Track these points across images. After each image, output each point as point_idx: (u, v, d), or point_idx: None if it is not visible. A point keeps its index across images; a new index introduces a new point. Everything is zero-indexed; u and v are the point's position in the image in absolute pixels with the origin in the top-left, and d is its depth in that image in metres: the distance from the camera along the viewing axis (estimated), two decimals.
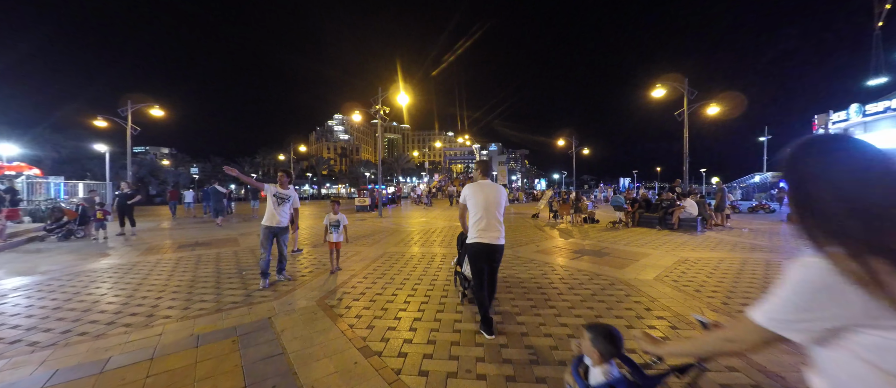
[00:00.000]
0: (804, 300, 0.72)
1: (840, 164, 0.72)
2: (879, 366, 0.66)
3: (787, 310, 0.75)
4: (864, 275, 0.65)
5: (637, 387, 1.28)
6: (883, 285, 0.63)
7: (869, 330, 0.67)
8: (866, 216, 0.67)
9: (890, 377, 0.65)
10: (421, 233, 9.66)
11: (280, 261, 4.85)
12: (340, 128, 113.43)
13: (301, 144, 40.27)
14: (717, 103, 14.61)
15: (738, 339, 0.88)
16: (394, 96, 15.14)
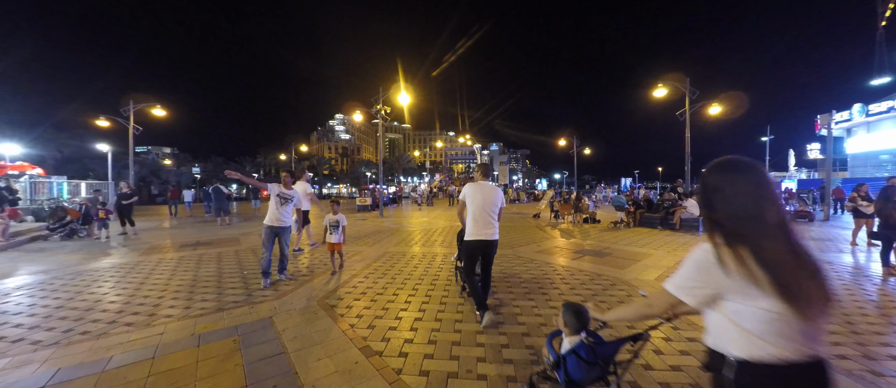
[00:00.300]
0: (695, 273, 1.01)
1: (727, 181, 1.02)
2: (740, 325, 0.95)
3: (685, 279, 1.03)
4: (733, 257, 0.93)
5: (594, 352, 1.61)
6: (746, 265, 0.92)
7: (733, 299, 0.95)
8: (738, 217, 0.96)
9: (745, 332, 0.94)
10: (422, 233, 9.67)
11: (281, 260, 4.85)
12: (341, 128, 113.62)
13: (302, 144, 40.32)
14: (719, 103, 14.55)
15: (655, 304, 1.18)
16: (395, 96, 15.15)
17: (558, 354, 1.75)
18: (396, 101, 15.44)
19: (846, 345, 2.87)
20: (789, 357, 0.90)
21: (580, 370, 1.65)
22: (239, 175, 4.43)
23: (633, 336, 1.61)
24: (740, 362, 0.94)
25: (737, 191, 0.99)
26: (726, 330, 0.98)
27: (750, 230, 0.94)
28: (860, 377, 2.40)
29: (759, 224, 0.94)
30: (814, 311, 0.89)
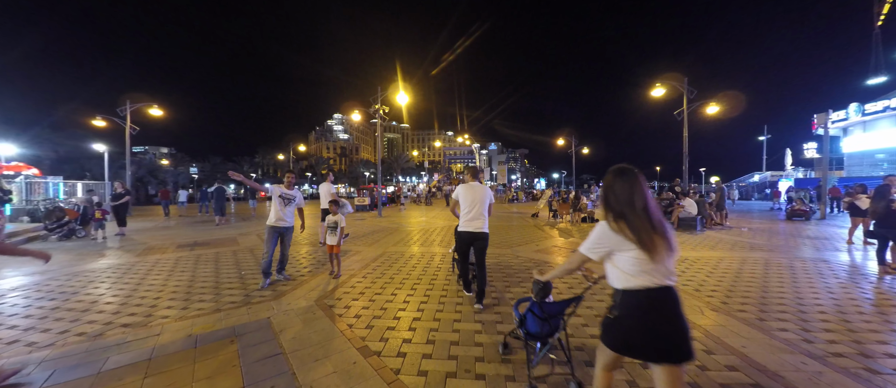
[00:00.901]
0: (598, 239, 1.59)
1: (616, 182, 1.60)
2: (620, 268, 1.54)
3: (592, 243, 1.61)
4: (618, 227, 1.54)
5: (543, 310, 2.25)
6: (624, 231, 1.51)
7: (618, 252, 1.54)
8: (621, 203, 1.55)
9: (624, 272, 1.53)
10: (420, 232, 9.66)
11: (281, 261, 4.85)
12: (340, 127, 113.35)
13: (300, 144, 40.19)
14: (716, 103, 14.60)
15: (572, 261, 1.75)
16: (393, 96, 15.12)
17: (521, 314, 2.37)
18: (395, 100, 15.43)
19: (843, 343, 2.89)
20: (647, 285, 1.50)
21: (535, 324, 2.33)
22: (241, 177, 4.40)
23: (573, 298, 2.31)
24: (622, 291, 1.56)
25: (620, 188, 1.58)
26: (614, 273, 1.59)
27: (627, 211, 1.54)
28: (856, 375, 2.42)
29: (631, 207, 1.54)
30: (661, 256, 1.49)
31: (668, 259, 1.52)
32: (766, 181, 33.63)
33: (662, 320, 1.50)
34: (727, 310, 3.63)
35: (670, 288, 1.52)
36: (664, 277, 1.51)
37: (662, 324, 1.49)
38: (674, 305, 1.52)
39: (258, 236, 9.30)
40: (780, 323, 3.29)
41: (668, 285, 1.52)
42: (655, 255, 1.49)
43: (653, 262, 1.49)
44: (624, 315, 1.55)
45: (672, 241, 1.54)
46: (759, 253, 6.57)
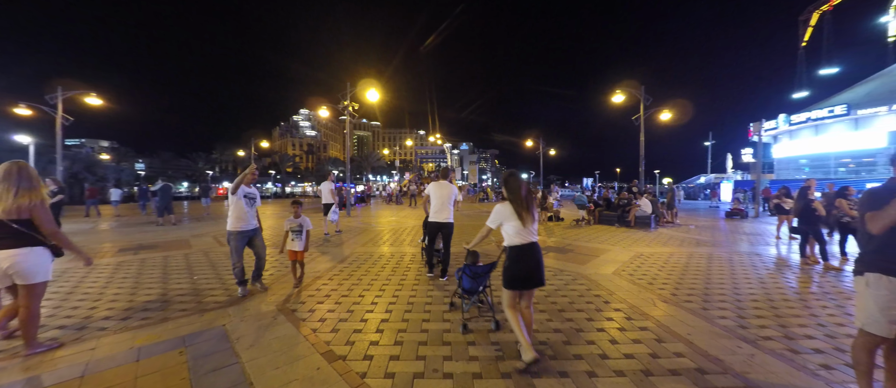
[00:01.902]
0: (497, 214, 2.65)
1: (509, 180, 2.69)
2: (508, 233, 2.62)
3: (493, 218, 2.67)
4: (508, 207, 2.62)
5: (473, 271, 3.14)
6: (516, 207, 2.59)
7: (506, 223, 2.62)
8: (511, 193, 2.64)
9: (509, 234, 2.62)
10: (390, 232, 9.52)
11: (257, 268, 4.30)
12: (307, 123, 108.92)
13: (263, 140, 37.89)
14: (668, 110, 15.77)
15: (483, 232, 2.78)
16: (363, 92, 14.75)
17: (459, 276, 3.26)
18: (365, 97, 15.05)
19: (771, 327, 3.23)
20: (522, 242, 2.56)
21: (468, 283, 3.19)
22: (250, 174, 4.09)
23: (491, 264, 3.25)
24: (509, 247, 2.59)
25: (512, 184, 2.64)
26: (505, 236, 2.62)
27: (513, 197, 2.60)
28: (781, 355, 2.71)
29: (516, 195, 2.61)
30: (528, 225, 2.56)
31: (533, 227, 2.62)
32: (710, 182, 36.92)
33: (530, 263, 2.58)
34: (676, 301, 3.93)
35: (535, 243, 2.62)
36: (531, 237, 2.61)
37: (530, 265, 2.58)
38: (537, 253, 2.60)
39: (214, 238, 8.68)
40: (721, 311, 3.62)
41: (533, 241, 2.62)
42: (526, 224, 2.57)
43: (524, 228, 2.57)
44: (511, 263, 2.60)
45: (534, 215, 2.64)
46: (703, 248, 7.19)
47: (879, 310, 1.95)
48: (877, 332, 1.96)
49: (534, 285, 2.59)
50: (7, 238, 2.52)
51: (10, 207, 2.51)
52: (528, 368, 2.44)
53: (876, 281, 1.97)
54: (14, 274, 2.56)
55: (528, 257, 2.54)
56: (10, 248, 2.52)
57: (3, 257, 2.52)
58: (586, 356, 2.69)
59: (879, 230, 1.90)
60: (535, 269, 2.56)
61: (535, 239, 2.60)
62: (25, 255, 2.56)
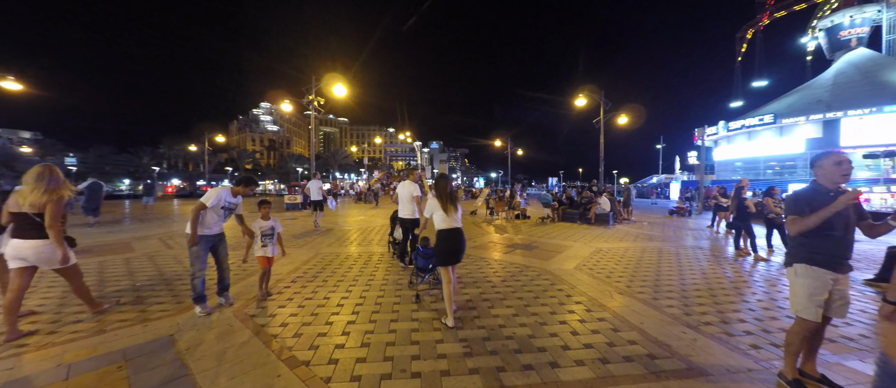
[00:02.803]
0: (430, 205, 3.39)
1: (439, 181, 3.44)
2: (437, 220, 3.36)
3: (428, 208, 3.43)
4: (439, 201, 3.32)
5: (425, 252, 4.06)
6: (441, 202, 3.31)
7: (436, 212, 3.34)
8: (440, 191, 3.37)
9: (438, 220, 3.33)
10: (358, 231, 9.29)
11: (221, 281, 3.73)
12: (268, 118, 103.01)
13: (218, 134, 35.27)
14: (625, 114, 16.86)
15: (423, 221, 3.72)
16: (329, 87, 14.21)
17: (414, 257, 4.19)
18: (331, 92, 14.50)
19: (710, 313, 3.57)
20: (448, 227, 3.28)
21: (420, 261, 4.07)
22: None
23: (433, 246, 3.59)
24: (439, 230, 3.31)
25: (440, 185, 3.39)
26: (435, 222, 3.35)
27: (442, 193, 3.33)
28: (719, 339, 3.01)
29: (443, 192, 3.34)
30: (452, 214, 3.30)
31: (456, 216, 3.33)
32: (661, 182, 40.05)
33: (454, 244, 3.29)
34: (630, 293, 4.22)
35: (458, 228, 3.33)
36: (455, 223, 3.32)
37: (454, 246, 3.29)
38: (459, 236, 3.33)
39: (161, 239, 7.95)
40: (669, 301, 3.94)
41: (457, 227, 3.33)
42: (449, 213, 3.30)
43: (448, 217, 3.29)
44: (440, 242, 3.32)
45: (457, 208, 3.37)
46: (655, 243, 7.77)
47: (807, 297, 2.20)
48: (809, 318, 2.20)
49: (458, 260, 3.37)
50: (31, 229, 2.90)
51: (35, 201, 2.87)
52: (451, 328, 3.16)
53: (803, 270, 2.24)
54: (38, 261, 2.96)
55: (452, 238, 3.29)
56: (34, 238, 2.90)
57: (27, 246, 2.90)
58: (549, 348, 2.80)
59: (796, 234, 2.17)
60: (458, 248, 3.30)
61: (458, 225, 3.34)
62: (47, 245, 2.94)
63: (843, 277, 2.20)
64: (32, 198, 2.86)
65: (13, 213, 2.92)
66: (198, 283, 3.44)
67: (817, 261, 2.19)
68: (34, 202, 2.86)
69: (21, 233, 2.91)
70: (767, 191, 6.85)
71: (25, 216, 2.88)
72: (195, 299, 3.47)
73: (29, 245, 2.90)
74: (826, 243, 2.17)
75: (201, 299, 3.48)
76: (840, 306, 2.22)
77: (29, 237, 2.90)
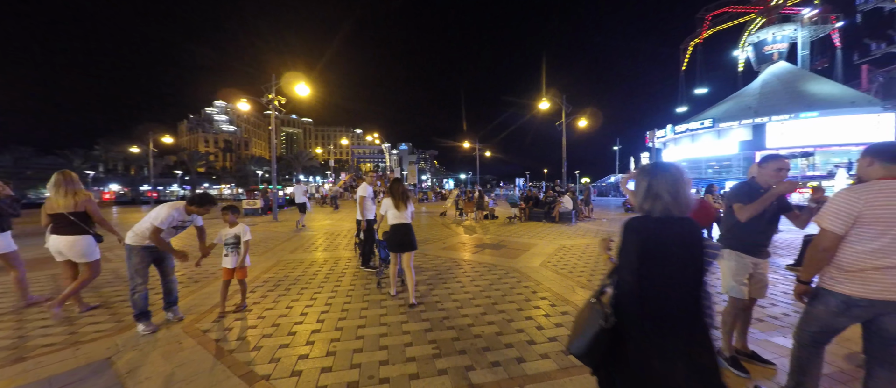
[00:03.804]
0: (385, 205, 4.02)
1: (393, 184, 4.06)
2: (389, 216, 3.98)
3: (383, 207, 4.06)
4: (393, 200, 3.98)
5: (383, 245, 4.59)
6: (394, 201, 3.98)
7: (390, 209, 3.95)
8: (394, 191, 4.00)
9: (390, 216, 3.97)
10: (324, 236, 8.97)
11: (168, 294, 3.43)
12: (223, 117, 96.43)
13: (165, 134, 32.18)
14: (585, 117, 17.81)
15: (380, 216, 4.26)
16: (291, 86, 13.55)
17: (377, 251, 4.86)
18: (293, 91, 13.85)
19: None
20: (398, 223, 3.92)
21: (383, 253, 4.69)
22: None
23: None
24: (390, 224, 3.96)
25: (394, 187, 4.01)
26: (388, 218, 3.97)
27: (394, 194, 3.95)
28: None
29: (396, 193, 3.95)
30: (403, 211, 3.91)
31: (407, 212, 3.93)
32: (618, 182, 42.74)
33: (403, 236, 3.90)
34: (591, 286, 4.46)
35: (407, 224, 3.95)
36: (405, 219, 3.93)
37: (404, 237, 3.91)
38: (407, 229, 3.94)
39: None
40: None
41: (407, 222, 3.95)
42: (400, 210, 3.90)
43: (399, 213, 3.90)
44: (390, 234, 3.96)
45: (408, 206, 3.96)
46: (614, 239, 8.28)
47: (732, 277, 2.51)
48: (736, 296, 2.50)
49: (406, 249, 3.90)
50: (67, 227, 3.35)
51: (68, 203, 3.35)
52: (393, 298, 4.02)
53: (728, 255, 2.55)
54: (74, 255, 3.41)
55: (401, 231, 3.92)
56: (71, 235, 3.36)
57: (67, 242, 3.36)
58: (516, 344, 2.88)
59: (745, 219, 2.42)
60: (406, 239, 3.92)
61: (407, 221, 3.96)
62: (81, 240, 3.40)
63: (762, 262, 2.51)
64: (65, 201, 3.35)
65: (51, 214, 3.38)
66: (139, 298, 3.13)
67: (740, 247, 2.49)
68: (67, 205, 3.35)
69: (59, 230, 3.37)
70: (707, 189, 7.56)
71: (63, 216, 3.33)
72: (137, 316, 3.16)
73: (65, 241, 3.37)
74: (749, 233, 2.46)
75: (144, 316, 3.17)
76: (760, 287, 2.54)
77: (65, 234, 3.37)
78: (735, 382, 2.37)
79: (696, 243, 1.37)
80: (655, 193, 1.42)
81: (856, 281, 1.72)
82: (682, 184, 1.40)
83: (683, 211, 1.40)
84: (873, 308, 1.71)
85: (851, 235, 1.73)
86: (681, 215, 1.40)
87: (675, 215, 1.39)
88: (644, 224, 1.43)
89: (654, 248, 1.38)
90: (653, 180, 1.44)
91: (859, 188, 1.73)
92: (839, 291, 1.77)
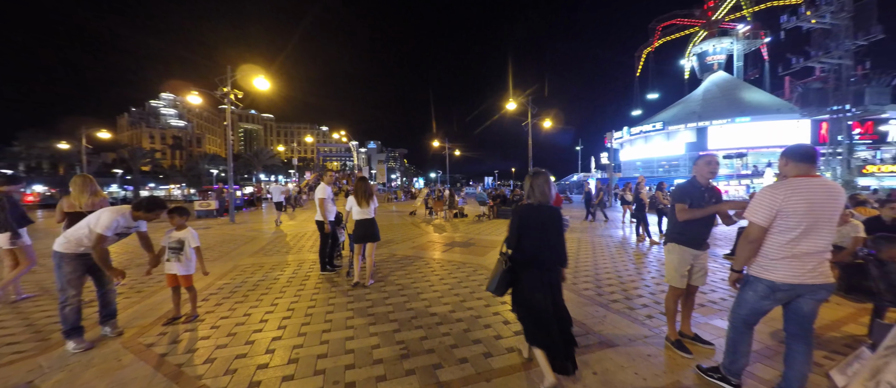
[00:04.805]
0: (350, 202, 4.54)
1: (358, 183, 4.52)
2: (354, 212, 4.52)
3: (348, 204, 4.60)
4: (356, 197, 4.47)
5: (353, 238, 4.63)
6: (357, 198, 4.46)
7: (354, 206, 4.50)
8: (357, 189, 4.49)
9: (354, 212, 4.50)
10: (289, 238, 8.54)
11: (104, 306, 3.10)
12: (171, 111, 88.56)
13: (101, 129, 28.77)
14: (549, 118, 18.55)
15: (345, 212, 4.87)
16: (249, 79, 12.69)
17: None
18: (252, 85, 12.99)
19: (617, 292, 4.12)
20: (362, 218, 4.43)
21: (352, 246, 4.78)
22: None
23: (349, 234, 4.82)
24: (355, 220, 4.46)
25: (357, 186, 4.46)
26: (353, 214, 4.49)
27: (360, 191, 4.43)
28: (624, 313, 3.49)
29: (360, 191, 4.43)
30: (367, 207, 4.44)
31: (370, 209, 4.43)
32: (581, 180, 44.98)
33: (367, 229, 4.42)
34: None
35: (371, 219, 4.45)
36: (368, 215, 4.42)
37: (366, 230, 4.41)
38: (372, 224, 4.44)
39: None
40: (585, 284, 4.44)
41: (370, 218, 4.45)
42: (362, 207, 4.40)
43: (361, 209, 4.40)
44: (356, 229, 4.43)
45: (371, 203, 4.44)
46: (575, 234, 8.69)
47: (675, 268, 2.74)
48: (676, 285, 2.75)
49: (368, 240, 4.44)
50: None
51: (86, 202, 3.64)
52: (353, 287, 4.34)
53: (672, 248, 2.78)
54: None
55: (364, 225, 4.41)
56: None
57: None
58: (484, 339, 2.93)
59: (683, 220, 2.65)
60: (369, 232, 4.42)
61: (371, 216, 4.45)
62: None
63: (702, 253, 2.76)
64: (83, 200, 3.64)
65: (68, 212, 3.64)
66: (70, 312, 2.81)
67: (683, 241, 2.73)
68: (85, 203, 3.63)
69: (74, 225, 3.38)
70: (658, 186, 8.18)
71: (80, 214, 3.42)
72: (67, 332, 2.82)
73: None
74: (691, 229, 2.71)
75: (76, 332, 2.84)
76: (700, 275, 2.80)
77: None
78: (679, 363, 2.58)
79: (555, 219, 2.32)
80: (533, 190, 2.34)
81: (779, 268, 1.94)
82: (548, 185, 2.33)
83: (548, 201, 2.32)
84: (793, 291, 1.94)
85: (774, 227, 1.95)
86: (547, 203, 2.32)
87: (544, 203, 2.31)
88: (525, 209, 2.32)
89: (531, 222, 2.28)
90: (534, 182, 2.34)
91: (778, 185, 1.96)
92: (765, 277, 1.99)
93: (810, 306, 1.95)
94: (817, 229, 1.86)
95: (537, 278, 2.25)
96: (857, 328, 3.18)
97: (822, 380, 2.31)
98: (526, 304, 2.32)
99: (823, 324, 3.22)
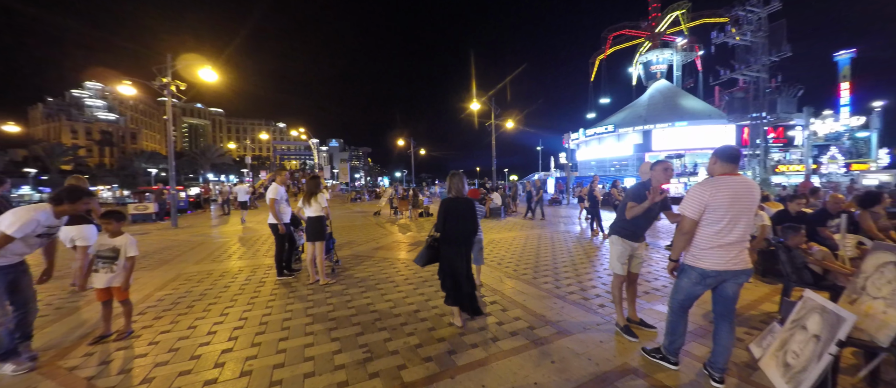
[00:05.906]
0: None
1: (310, 181, 4.64)
2: (309, 211, 4.57)
3: (301, 202, 4.63)
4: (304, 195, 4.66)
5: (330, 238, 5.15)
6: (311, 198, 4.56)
7: (306, 205, 4.60)
8: (310, 188, 4.63)
9: (311, 212, 4.56)
10: (240, 242, 7.96)
11: (21, 325, 2.67)
12: (100, 103, 78.55)
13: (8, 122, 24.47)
14: (512, 119, 19.16)
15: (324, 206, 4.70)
16: (193, 70, 11.57)
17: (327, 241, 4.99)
18: (196, 76, 11.83)
19: (573, 284, 4.37)
20: (314, 216, 4.53)
21: (331, 245, 5.19)
22: None
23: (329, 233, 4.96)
24: (308, 217, 4.55)
25: (311, 184, 4.60)
26: (305, 211, 4.57)
27: (308, 189, 4.58)
28: (579, 304, 3.70)
29: (309, 187, 4.59)
30: (314, 205, 4.50)
31: (318, 207, 4.46)
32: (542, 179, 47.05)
33: (315, 225, 4.48)
34: (517, 275, 4.81)
35: (321, 217, 4.51)
36: (318, 212, 4.49)
37: (315, 227, 4.48)
38: (321, 222, 4.50)
39: None
40: (545, 278, 4.65)
41: (320, 215, 4.51)
42: (312, 205, 4.48)
43: (311, 208, 4.49)
44: (307, 226, 4.53)
45: (320, 201, 4.51)
46: (536, 231, 9.06)
47: (617, 257, 3.04)
48: (618, 272, 3.04)
49: (317, 238, 4.51)
50: (79, 219, 3.76)
51: None
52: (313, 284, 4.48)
53: (615, 239, 3.07)
54: (79, 238, 3.78)
55: (313, 222, 4.50)
56: (79, 224, 3.80)
57: (74, 229, 3.78)
58: (448, 337, 2.96)
59: (631, 217, 2.88)
60: (316, 229, 4.49)
61: (321, 214, 4.51)
62: (87, 228, 3.80)
63: (639, 245, 3.06)
64: None
65: None
66: (4, 333, 2.48)
67: (624, 235, 3.03)
68: None
69: (73, 221, 3.71)
70: (613, 183, 8.79)
71: None
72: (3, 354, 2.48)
73: (75, 228, 3.76)
74: (630, 224, 2.99)
75: (11, 355, 2.50)
76: (638, 264, 3.11)
77: (75, 224, 3.75)
78: (627, 346, 2.80)
79: (471, 208, 3.22)
80: (451, 187, 3.23)
81: (708, 257, 2.18)
82: (462, 183, 3.23)
83: (463, 194, 3.22)
84: (720, 277, 2.19)
85: (703, 220, 2.19)
86: (463, 196, 3.21)
87: (461, 196, 3.19)
88: (448, 201, 3.17)
89: (452, 211, 3.13)
90: (452, 181, 3.24)
91: (706, 183, 2.20)
92: (697, 265, 2.22)
93: (733, 290, 2.21)
94: (739, 221, 2.12)
95: (457, 251, 3.13)
96: (771, 305, 3.66)
97: (744, 353, 2.64)
98: (450, 271, 3.14)
99: (743, 304, 3.66)
